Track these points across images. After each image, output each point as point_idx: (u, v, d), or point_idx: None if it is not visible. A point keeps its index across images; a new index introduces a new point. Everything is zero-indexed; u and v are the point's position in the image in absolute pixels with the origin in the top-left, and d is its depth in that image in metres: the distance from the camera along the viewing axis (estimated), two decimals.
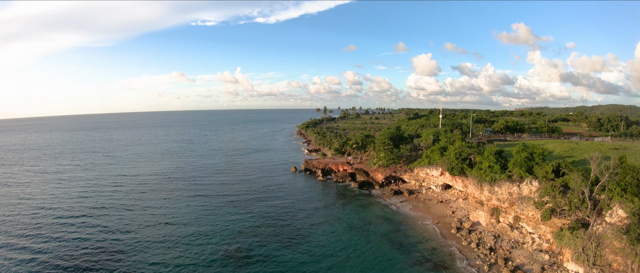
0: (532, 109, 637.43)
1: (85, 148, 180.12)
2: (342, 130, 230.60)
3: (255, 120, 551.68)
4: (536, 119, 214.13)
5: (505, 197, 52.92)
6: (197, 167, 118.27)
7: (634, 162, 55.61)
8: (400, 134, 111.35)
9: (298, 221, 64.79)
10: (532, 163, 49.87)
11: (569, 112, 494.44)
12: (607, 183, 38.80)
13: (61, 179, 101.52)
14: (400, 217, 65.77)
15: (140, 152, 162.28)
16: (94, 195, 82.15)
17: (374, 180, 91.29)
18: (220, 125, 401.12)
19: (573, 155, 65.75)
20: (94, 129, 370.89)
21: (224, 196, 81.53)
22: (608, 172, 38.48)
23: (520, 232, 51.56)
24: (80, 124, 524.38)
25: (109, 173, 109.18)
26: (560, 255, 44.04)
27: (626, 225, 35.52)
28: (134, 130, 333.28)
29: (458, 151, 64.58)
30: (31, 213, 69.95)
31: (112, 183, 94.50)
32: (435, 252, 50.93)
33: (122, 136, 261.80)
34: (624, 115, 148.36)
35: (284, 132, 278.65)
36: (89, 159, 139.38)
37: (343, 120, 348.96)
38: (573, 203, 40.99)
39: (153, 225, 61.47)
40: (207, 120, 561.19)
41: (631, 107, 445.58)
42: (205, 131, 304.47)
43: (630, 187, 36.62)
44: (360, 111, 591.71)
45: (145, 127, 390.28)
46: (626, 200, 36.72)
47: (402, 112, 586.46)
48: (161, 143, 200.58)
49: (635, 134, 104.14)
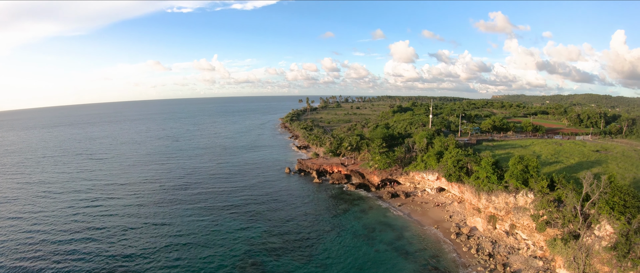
0: (509, 97, 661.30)
1: (67, 149, 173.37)
2: (327, 122, 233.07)
3: (235, 110, 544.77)
4: (517, 111, 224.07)
5: (502, 206, 57.18)
6: (189, 171, 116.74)
7: (617, 168, 61.28)
8: (392, 133, 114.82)
9: (304, 230, 66.99)
10: (527, 176, 53.99)
11: (546, 100, 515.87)
12: (597, 200, 43.14)
13: (49, 192, 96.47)
14: (401, 223, 69.36)
15: (125, 153, 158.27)
16: (88, 212, 78.61)
17: (370, 182, 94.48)
18: (200, 117, 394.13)
19: (560, 160, 71.13)
20: (72, 124, 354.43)
21: (223, 205, 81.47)
22: (598, 190, 42.74)
23: (515, 239, 56.18)
24: (57, 118, 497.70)
25: (99, 181, 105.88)
26: (553, 262, 48.76)
27: (614, 242, 40.01)
28: (114, 125, 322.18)
29: (455, 159, 68.28)
30: (25, 237, 65.32)
31: (106, 196, 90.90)
32: (439, 260, 54.78)
33: (103, 133, 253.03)
34: (603, 111, 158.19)
35: (268, 126, 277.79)
36: (74, 163, 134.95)
37: (325, 111, 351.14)
38: (567, 217, 45.31)
39: (161, 249, 59.07)
40: (186, 111, 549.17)
41: (606, 97, 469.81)
42: (187, 125, 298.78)
43: (617, 206, 41.01)
44: (340, 99, 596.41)
45: (124, 121, 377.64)
46: (613, 218, 41.15)
47: (381, 100, 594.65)
48: (145, 142, 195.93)
49: (614, 132, 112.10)
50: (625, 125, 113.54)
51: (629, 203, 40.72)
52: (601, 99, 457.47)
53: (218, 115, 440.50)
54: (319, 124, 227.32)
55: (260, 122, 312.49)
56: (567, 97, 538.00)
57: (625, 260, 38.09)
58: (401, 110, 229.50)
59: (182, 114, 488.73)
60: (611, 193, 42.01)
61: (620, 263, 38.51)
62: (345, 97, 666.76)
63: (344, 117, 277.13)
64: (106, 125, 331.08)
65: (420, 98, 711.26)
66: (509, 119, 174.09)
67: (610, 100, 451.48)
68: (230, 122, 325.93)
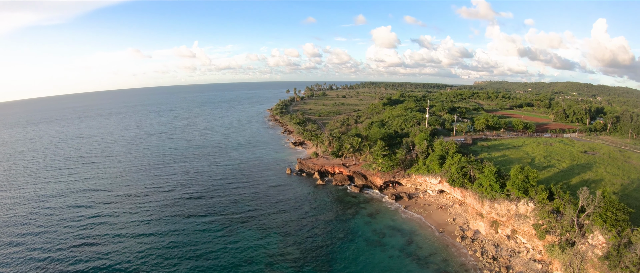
0: (492, 83, 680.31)
1: (56, 152, 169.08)
2: (317, 115, 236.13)
3: (220, 100, 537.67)
4: (503, 103, 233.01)
5: (504, 213, 62.61)
6: (191, 176, 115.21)
7: (605, 173, 67.54)
8: (390, 132, 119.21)
9: (318, 238, 70.67)
10: (527, 186, 59.26)
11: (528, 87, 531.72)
12: (592, 213, 48.65)
13: (48, 209, 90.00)
14: (409, 227, 74.25)
15: (118, 154, 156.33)
16: (95, 233, 74.53)
17: (373, 183, 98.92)
18: (187, 109, 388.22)
19: (552, 163, 77.30)
20: (56, 120, 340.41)
21: (234, 216, 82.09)
22: (593, 204, 48.18)
23: (515, 242, 61.93)
24: (38, 112, 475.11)
25: (99, 193, 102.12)
26: (551, 265, 54.64)
27: (606, 252, 45.75)
28: (99, 120, 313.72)
29: (459, 165, 73.15)
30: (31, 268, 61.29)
31: (111, 212, 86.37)
32: (449, 263, 59.99)
33: (90, 130, 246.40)
34: (588, 107, 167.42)
35: (258, 119, 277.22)
36: (67, 169, 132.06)
37: (312, 101, 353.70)
38: (565, 227, 50.82)
39: None
40: (171, 102, 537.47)
41: (588, 86, 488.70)
42: (175, 119, 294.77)
43: (609, 220, 46.60)
44: (325, 87, 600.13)
45: (109, 114, 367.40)
46: (605, 230, 46.79)
47: (365, 87, 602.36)
48: (136, 140, 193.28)
49: (599, 129, 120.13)
50: (609, 123, 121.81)
51: (620, 217, 46.32)
52: (583, 88, 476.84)
53: (204, 105, 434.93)
54: (309, 116, 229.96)
55: (249, 114, 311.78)
56: (549, 85, 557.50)
57: (616, 269, 43.82)
58: (391, 103, 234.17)
59: (167, 105, 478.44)
60: (604, 207, 47.49)
61: (612, 271, 44.26)
62: (330, 84, 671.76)
63: (333, 107, 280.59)
64: (91, 119, 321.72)
65: (403, 84, 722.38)
66: (496, 112, 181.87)
67: (591, 88, 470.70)
68: (218, 114, 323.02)
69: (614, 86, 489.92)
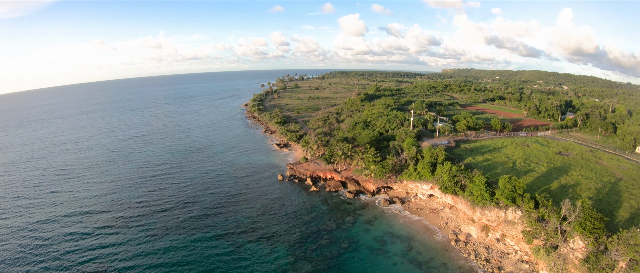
0: (459, 71, 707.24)
1: (31, 163, 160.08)
2: (296, 112, 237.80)
3: (192, 95, 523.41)
4: (476, 96, 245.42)
5: (494, 219, 69.26)
6: (184, 189, 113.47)
7: (580, 176, 75.73)
8: (376, 135, 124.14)
9: (325, 249, 74.22)
10: (515, 195, 65.96)
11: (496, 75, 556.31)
12: (573, 222, 55.68)
13: (39, 239, 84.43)
14: (406, 232, 79.79)
15: (99, 164, 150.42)
16: (100, 264, 71.73)
17: (366, 189, 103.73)
18: (160, 106, 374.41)
19: (531, 167, 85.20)
20: (24, 123, 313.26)
21: (238, 230, 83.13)
22: (574, 214, 55.16)
23: (504, 245, 68.94)
24: (1, 113, 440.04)
25: (91, 215, 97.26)
26: (537, 265, 61.89)
27: (585, 256, 52.94)
28: (70, 121, 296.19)
29: (450, 174, 79.11)
30: None
31: (113, 242, 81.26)
32: (447, 267, 66.08)
33: (63, 135, 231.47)
34: (559, 103, 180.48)
35: (236, 117, 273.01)
36: (46, 186, 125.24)
37: (287, 94, 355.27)
38: (549, 234, 57.77)
39: None
40: (141, 99, 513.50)
41: (554, 74, 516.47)
42: (150, 118, 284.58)
43: (587, 228, 53.75)
44: (296, 78, 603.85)
45: (79, 114, 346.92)
46: (585, 236, 53.94)
47: (335, 77, 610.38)
48: (114, 146, 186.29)
49: (570, 125, 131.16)
50: (580, 120, 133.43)
51: (597, 225, 53.56)
52: (549, 76, 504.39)
53: (177, 102, 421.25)
54: (288, 114, 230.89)
55: (226, 111, 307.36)
56: (516, 73, 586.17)
57: (595, 271, 51.05)
58: (369, 99, 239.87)
59: (138, 102, 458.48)
60: (583, 217, 54.59)
61: (591, 272, 51.54)
62: (301, 75, 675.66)
63: (309, 102, 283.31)
64: (61, 122, 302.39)
65: (373, 73, 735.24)
66: (470, 107, 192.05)
67: (557, 77, 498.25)
68: (194, 112, 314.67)
69: (579, 75, 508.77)
